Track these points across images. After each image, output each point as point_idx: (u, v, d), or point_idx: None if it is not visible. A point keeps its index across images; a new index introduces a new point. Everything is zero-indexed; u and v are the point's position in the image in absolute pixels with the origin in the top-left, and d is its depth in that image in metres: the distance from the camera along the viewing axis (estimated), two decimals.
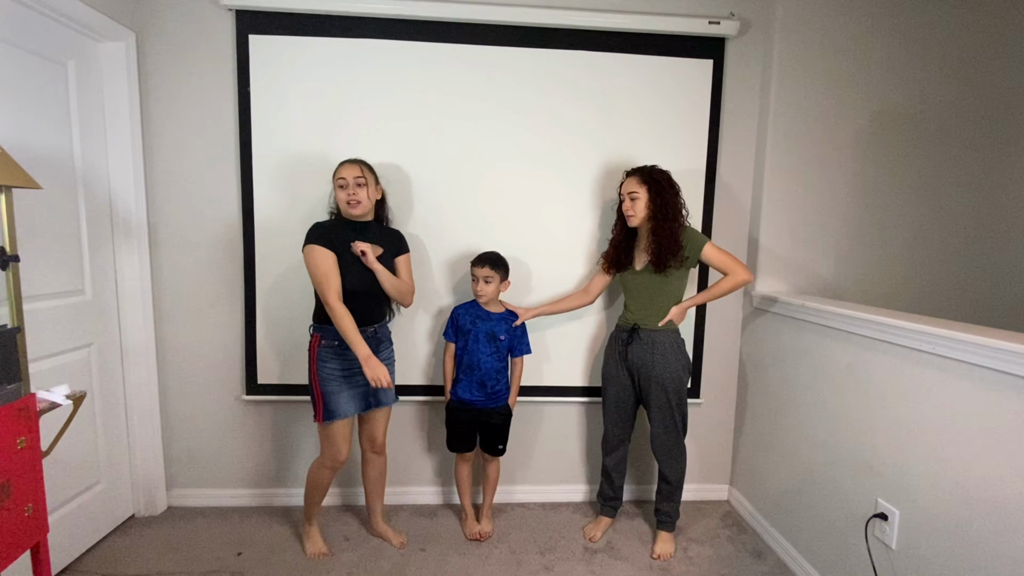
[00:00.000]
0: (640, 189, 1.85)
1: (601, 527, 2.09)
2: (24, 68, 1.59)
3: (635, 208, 1.85)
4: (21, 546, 1.16)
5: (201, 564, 1.84)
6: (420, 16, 1.98)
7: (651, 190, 1.84)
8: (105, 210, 1.94)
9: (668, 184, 1.85)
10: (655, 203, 1.83)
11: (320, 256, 1.66)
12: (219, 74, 2.01)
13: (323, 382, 1.73)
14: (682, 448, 1.96)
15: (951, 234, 2.22)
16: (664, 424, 1.92)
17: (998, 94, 2.17)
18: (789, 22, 2.06)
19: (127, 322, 2.01)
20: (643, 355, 1.90)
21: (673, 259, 1.81)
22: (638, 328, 1.92)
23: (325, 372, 1.73)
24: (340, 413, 1.73)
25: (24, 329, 1.19)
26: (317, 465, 1.82)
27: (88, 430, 1.87)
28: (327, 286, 1.65)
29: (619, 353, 1.97)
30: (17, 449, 1.14)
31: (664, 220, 1.82)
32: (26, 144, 1.60)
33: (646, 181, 1.85)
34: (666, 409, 1.90)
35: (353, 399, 1.75)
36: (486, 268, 1.91)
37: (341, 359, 1.74)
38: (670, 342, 1.89)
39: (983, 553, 1.23)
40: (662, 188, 1.83)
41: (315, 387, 1.74)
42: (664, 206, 1.82)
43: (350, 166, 1.73)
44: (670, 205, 1.83)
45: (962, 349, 1.28)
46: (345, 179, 1.71)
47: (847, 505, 1.65)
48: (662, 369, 1.87)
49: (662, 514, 2.01)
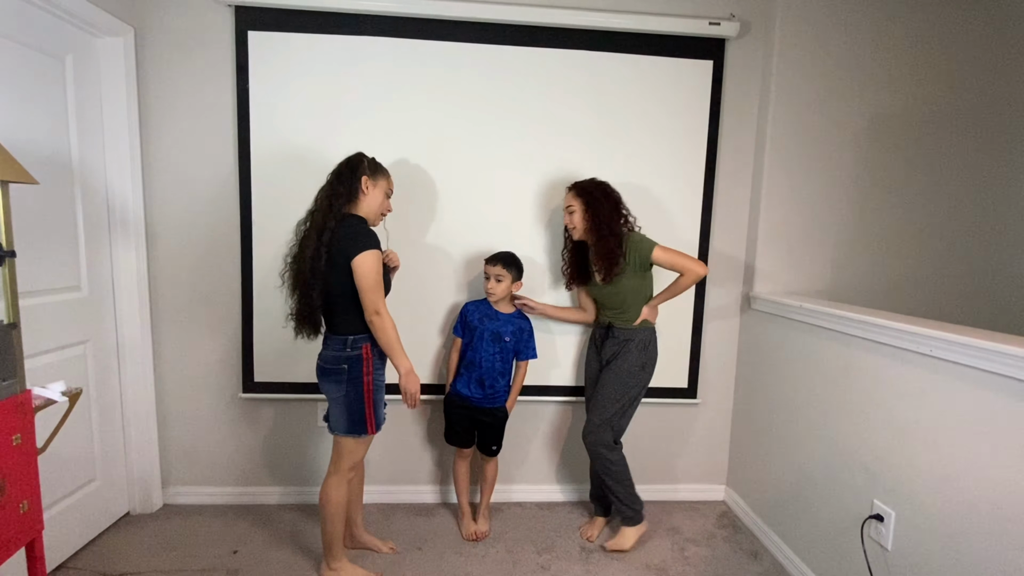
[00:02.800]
0: (576, 202, 1.87)
1: (597, 527, 2.09)
2: (22, 63, 1.58)
3: (574, 221, 1.89)
4: (16, 543, 1.15)
5: (197, 562, 1.83)
6: (420, 14, 1.98)
7: (585, 203, 1.86)
8: (102, 206, 1.93)
9: (603, 195, 1.86)
10: (590, 215, 1.85)
11: (379, 263, 1.57)
12: (218, 70, 2.00)
13: (376, 392, 1.66)
14: (608, 440, 1.92)
15: (949, 236, 2.23)
16: (598, 407, 1.90)
17: (996, 97, 2.18)
18: (789, 24, 2.06)
19: (123, 319, 2.01)
20: (614, 349, 1.93)
21: (616, 268, 1.83)
22: (612, 326, 1.95)
23: (378, 382, 1.67)
24: (382, 420, 1.69)
25: (20, 325, 1.18)
26: (337, 482, 1.67)
27: (84, 427, 1.87)
28: (380, 293, 1.58)
29: (594, 350, 2.04)
30: (12, 446, 1.13)
31: (600, 232, 1.84)
32: (23, 139, 1.59)
33: (580, 195, 1.87)
34: (606, 394, 1.90)
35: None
36: (498, 266, 1.92)
37: (381, 368, 1.69)
38: (640, 339, 1.91)
39: (978, 554, 1.24)
40: (595, 199, 1.85)
41: (367, 398, 1.64)
42: (598, 217, 1.84)
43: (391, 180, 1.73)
44: (605, 217, 1.83)
45: (958, 351, 1.28)
46: (391, 192, 1.72)
47: (843, 506, 1.66)
48: (622, 360, 1.89)
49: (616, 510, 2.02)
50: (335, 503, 1.67)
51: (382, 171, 1.69)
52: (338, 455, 1.68)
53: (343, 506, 1.69)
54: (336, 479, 1.68)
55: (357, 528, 1.94)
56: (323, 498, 1.68)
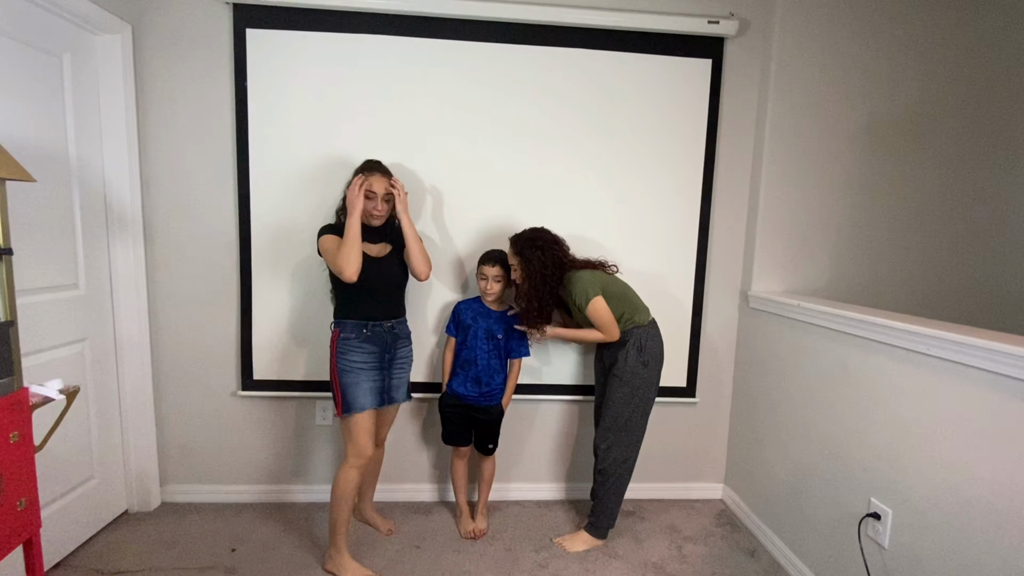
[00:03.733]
0: (514, 260, 1.90)
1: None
2: (19, 60, 1.58)
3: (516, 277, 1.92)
4: (13, 541, 1.15)
5: (195, 560, 1.84)
6: (419, 12, 1.98)
7: (522, 262, 1.87)
8: (100, 204, 1.92)
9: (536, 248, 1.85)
10: (524, 276, 1.88)
11: (331, 240, 1.71)
12: (216, 68, 2.00)
13: (342, 374, 1.74)
14: (624, 448, 1.92)
15: (948, 236, 2.23)
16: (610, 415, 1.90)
17: (996, 97, 2.18)
18: (788, 23, 2.06)
19: (121, 317, 2.00)
20: (614, 353, 1.92)
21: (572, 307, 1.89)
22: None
23: (343, 364, 1.74)
24: (359, 405, 1.73)
25: (17, 323, 1.18)
26: (343, 470, 1.74)
27: (82, 425, 1.86)
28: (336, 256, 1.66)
29: (599, 359, 2.05)
30: (10, 443, 1.13)
31: (528, 295, 1.88)
32: (20, 137, 1.58)
33: (516, 252, 1.88)
34: (615, 400, 1.89)
35: (370, 393, 1.76)
36: (496, 267, 1.92)
37: (359, 352, 1.76)
38: (633, 339, 1.88)
39: (974, 552, 1.24)
40: (528, 259, 1.85)
41: (335, 380, 1.75)
42: (531, 279, 1.86)
43: (381, 179, 1.76)
44: (536, 277, 1.85)
45: (955, 350, 1.28)
46: (376, 193, 1.74)
47: (840, 504, 1.66)
48: (623, 363, 1.88)
49: (592, 515, 2.00)
50: (339, 489, 1.74)
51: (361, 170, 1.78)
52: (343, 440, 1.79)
53: (348, 494, 1.73)
54: (343, 465, 1.75)
55: (364, 502, 2.04)
56: (332, 484, 1.76)
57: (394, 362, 1.84)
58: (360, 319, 1.77)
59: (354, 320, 1.76)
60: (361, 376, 1.75)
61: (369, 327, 1.77)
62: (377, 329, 1.78)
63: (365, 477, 1.98)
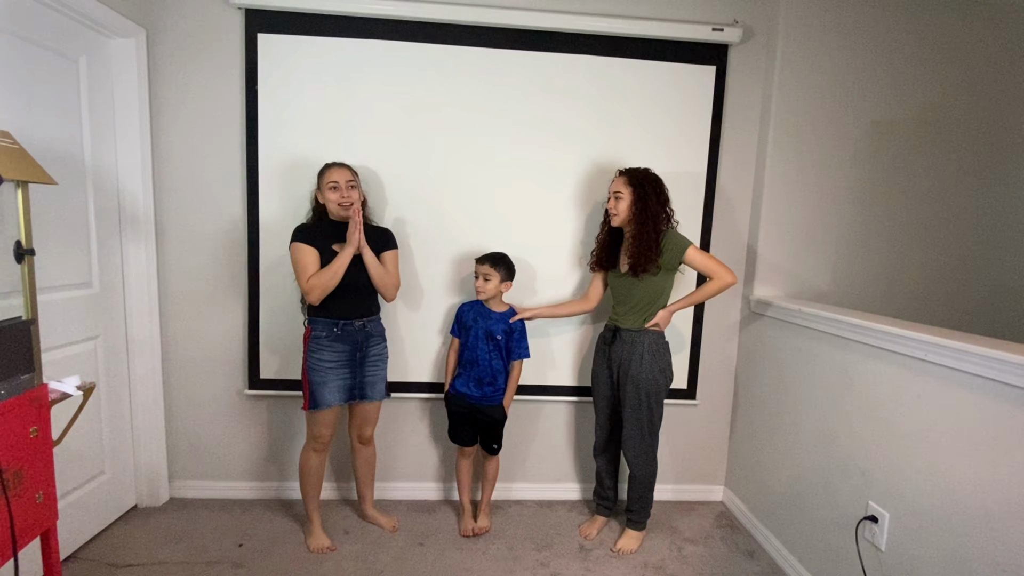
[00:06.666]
0: (625, 190, 1.86)
1: (597, 526, 2.12)
2: (37, 63, 1.62)
3: (618, 208, 1.87)
4: (32, 532, 1.19)
5: (202, 554, 1.87)
6: (428, 18, 2.01)
7: (636, 192, 1.85)
8: (113, 205, 1.96)
9: (654, 189, 1.86)
10: (638, 206, 1.84)
11: (302, 252, 1.76)
12: (228, 72, 2.03)
13: (311, 371, 1.82)
14: (652, 451, 1.97)
15: (949, 242, 2.25)
16: (636, 424, 1.93)
17: (997, 103, 2.19)
18: (792, 30, 2.08)
19: (133, 315, 2.04)
20: (623, 354, 1.93)
21: (650, 264, 1.83)
22: (619, 328, 1.95)
23: (313, 362, 1.81)
24: (324, 403, 1.82)
25: (38, 321, 1.21)
26: (303, 452, 1.91)
27: (93, 421, 1.90)
28: (302, 274, 1.75)
29: (603, 352, 2.03)
30: (30, 438, 1.17)
31: (643, 224, 1.84)
32: (37, 139, 1.62)
33: (632, 183, 1.86)
34: (638, 409, 1.91)
35: (338, 390, 1.84)
36: (485, 265, 1.96)
37: (329, 351, 1.81)
38: (650, 342, 1.90)
39: (970, 556, 1.26)
40: (646, 192, 1.84)
41: (304, 376, 1.84)
42: (645, 210, 1.83)
43: (340, 169, 1.81)
44: (652, 210, 1.83)
45: (955, 357, 1.30)
46: (337, 182, 1.78)
47: (839, 507, 1.68)
48: (638, 369, 1.89)
49: (631, 512, 2.04)
50: (300, 468, 1.91)
51: (322, 172, 1.84)
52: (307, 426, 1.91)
53: (307, 471, 1.90)
54: (303, 448, 1.91)
55: (365, 503, 2.09)
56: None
57: (366, 360, 1.88)
58: (331, 318, 1.81)
59: (325, 319, 1.81)
60: (329, 375, 1.81)
61: (340, 326, 1.82)
62: (348, 328, 1.83)
63: (360, 477, 2.07)
